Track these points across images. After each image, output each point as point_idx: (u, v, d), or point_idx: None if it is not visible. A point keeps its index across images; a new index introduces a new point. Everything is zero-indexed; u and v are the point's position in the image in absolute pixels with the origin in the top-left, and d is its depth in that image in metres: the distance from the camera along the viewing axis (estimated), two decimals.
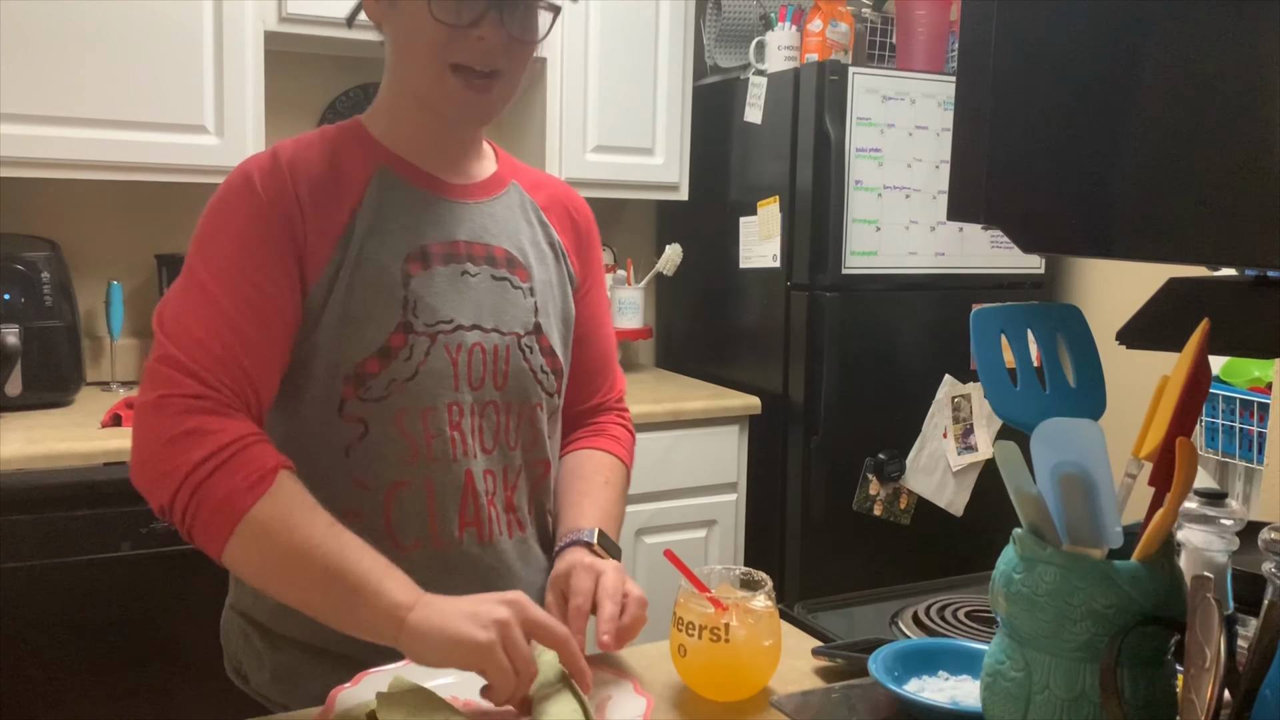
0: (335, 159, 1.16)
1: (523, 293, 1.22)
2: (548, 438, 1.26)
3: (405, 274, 1.14)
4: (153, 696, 2.04)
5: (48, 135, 2.18)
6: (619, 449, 1.35)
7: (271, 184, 1.10)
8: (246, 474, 1.00)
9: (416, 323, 1.13)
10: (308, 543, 0.99)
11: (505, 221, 1.24)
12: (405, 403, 1.12)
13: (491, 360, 1.18)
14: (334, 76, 2.82)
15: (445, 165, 1.22)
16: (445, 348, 1.14)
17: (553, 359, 1.24)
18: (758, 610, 1.07)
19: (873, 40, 2.87)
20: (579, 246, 1.33)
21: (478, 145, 1.26)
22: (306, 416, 1.13)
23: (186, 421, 1.01)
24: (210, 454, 1.00)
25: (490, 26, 1.10)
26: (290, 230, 1.09)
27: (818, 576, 2.64)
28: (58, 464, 1.97)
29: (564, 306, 1.28)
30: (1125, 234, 0.80)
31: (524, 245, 1.24)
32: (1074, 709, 0.82)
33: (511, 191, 1.27)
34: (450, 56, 1.11)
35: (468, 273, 1.18)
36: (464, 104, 1.13)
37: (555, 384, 1.25)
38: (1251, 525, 0.99)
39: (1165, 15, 0.76)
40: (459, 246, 1.18)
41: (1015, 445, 0.82)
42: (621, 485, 1.33)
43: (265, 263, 1.08)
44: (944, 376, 2.73)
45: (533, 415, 1.23)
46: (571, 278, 1.30)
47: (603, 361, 1.38)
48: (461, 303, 1.17)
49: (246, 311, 1.06)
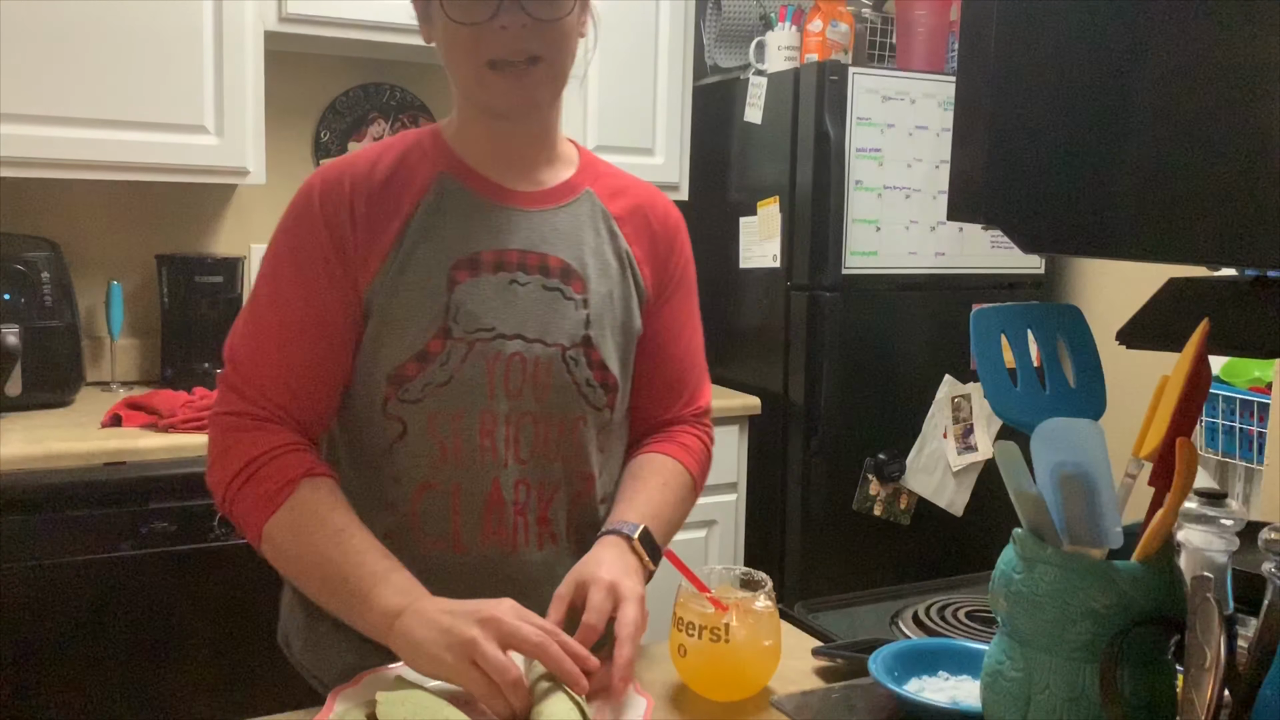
0: (402, 166, 1.18)
1: (575, 304, 1.19)
2: (596, 451, 1.23)
3: (451, 280, 1.15)
4: (153, 696, 2.04)
5: (48, 135, 2.18)
6: (686, 457, 1.30)
7: (329, 200, 1.15)
8: (268, 487, 1.09)
9: (456, 329, 1.14)
10: (313, 552, 1.07)
11: (567, 231, 1.22)
12: (438, 407, 1.14)
13: (532, 371, 1.17)
14: (334, 76, 2.82)
15: (510, 172, 1.21)
16: (483, 356, 1.15)
17: (603, 372, 1.21)
18: (758, 610, 1.07)
19: (873, 40, 2.87)
20: (654, 257, 1.28)
21: (549, 151, 1.24)
22: (357, 410, 1.18)
23: (227, 438, 1.12)
24: (240, 469, 1.10)
25: (510, 14, 1.09)
26: (343, 245, 1.14)
27: (818, 576, 2.64)
28: (58, 464, 1.97)
29: (625, 319, 1.24)
30: (1125, 234, 0.80)
31: (584, 256, 1.21)
32: (1074, 709, 0.82)
33: (583, 199, 1.24)
34: (483, 54, 1.11)
35: (517, 282, 1.17)
36: (506, 95, 1.13)
37: (605, 398, 1.21)
38: (1251, 525, 0.99)
39: (1165, 15, 0.76)
40: (511, 255, 1.18)
41: (1015, 445, 0.82)
42: (680, 491, 1.27)
43: (318, 281, 1.14)
44: (944, 376, 2.73)
45: (575, 428, 1.20)
46: (640, 290, 1.26)
47: (680, 375, 1.32)
48: (506, 311, 1.16)
49: (295, 331, 1.14)
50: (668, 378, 1.31)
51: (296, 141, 2.81)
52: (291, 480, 1.08)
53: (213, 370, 2.51)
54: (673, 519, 1.25)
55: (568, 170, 1.26)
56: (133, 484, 2.01)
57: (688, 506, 1.29)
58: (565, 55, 1.15)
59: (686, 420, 1.34)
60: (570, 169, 1.26)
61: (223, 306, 2.54)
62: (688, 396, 1.34)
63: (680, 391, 1.33)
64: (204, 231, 2.72)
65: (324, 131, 2.83)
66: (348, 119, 2.86)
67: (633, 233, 1.26)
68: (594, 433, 1.22)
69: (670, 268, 1.30)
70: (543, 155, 1.23)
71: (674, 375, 1.32)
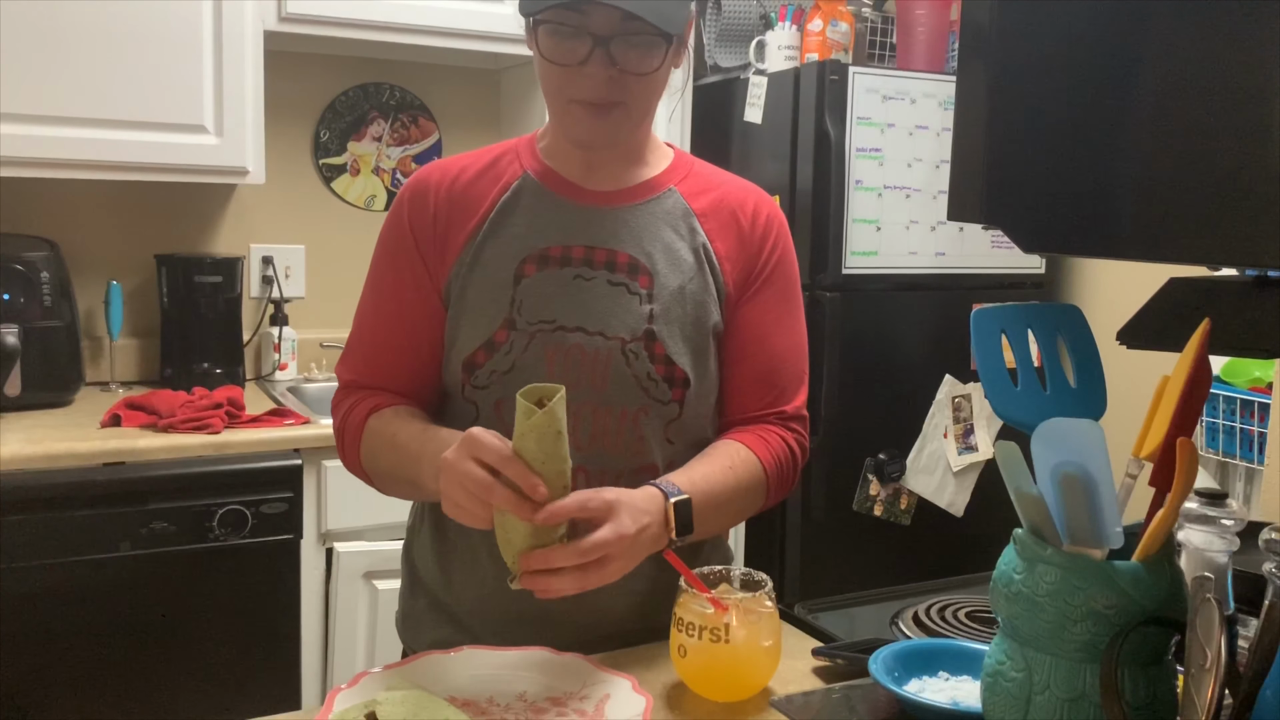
0: (491, 168, 1.27)
1: (639, 299, 1.21)
2: (663, 443, 1.23)
3: (519, 274, 1.22)
4: (153, 696, 2.04)
5: (48, 135, 2.18)
6: (761, 449, 1.26)
7: (415, 202, 1.26)
8: (351, 434, 1.27)
9: (520, 320, 1.21)
10: (386, 466, 1.24)
11: (640, 228, 1.24)
12: (503, 394, 1.19)
13: (590, 362, 1.20)
14: (334, 76, 2.82)
15: (592, 173, 1.26)
16: (543, 346, 1.20)
17: (669, 366, 1.21)
18: (758, 610, 1.07)
19: (873, 40, 2.87)
20: (740, 254, 1.28)
21: (635, 154, 1.28)
22: (448, 392, 1.28)
23: (335, 407, 1.31)
24: (337, 426, 1.29)
25: (598, 64, 1.14)
26: (422, 244, 1.25)
27: (818, 576, 2.64)
28: (57, 464, 1.97)
29: (699, 314, 1.24)
30: (1125, 234, 0.80)
31: (654, 252, 1.23)
32: (1074, 709, 0.82)
33: (665, 197, 1.27)
34: (568, 94, 1.17)
35: (582, 277, 1.22)
36: (587, 130, 1.19)
37: (670, 392, 1.22)
38: (1252, 525, 0.99)
39: (1165, 15, 0.76)
40: (577, 251, 1.23)
41: (1015, 445, 0.82)
42: (747, 480, 1.23)
43: (401, 275, 1.26)
44: (944, 376, 2.72)
45: (635, 420, 1.21)
46: (720, 285, 1.26)
47: (768, 373, 1.30)
48: (569, 305, 1.21)
49: (383, 318, 1.28)
50: (755, 375, 1.29)
51: (296, 141, 2.81)
52: (359, 422, 1.25)
53: (212, 370, 2.52)
54: (726, 506, 1.21)
55: (655, 169, 1.29)
56: (132, 484, 2.01)
57: (751, 499, 1.26)
58: (648, 101, 1.21)
59: (773, 420, 1.30)
60: (658, 167, 1.29)
61: (222, 306, 2.54)
62: (775, 395, 1.30)
63: (768, 390, 1.30)
64: (204, 231, 2.72)
65: (324, 131, 2.83)
66: (348, 119, 2.86)
67: (716, 229, 1.27)
68: (659, 425, 1.22)
69: (761, 266, 1.29)
70: (634, 159, 1.27)
71: (761, 373, 1.30)
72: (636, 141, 1.27)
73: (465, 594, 1.26)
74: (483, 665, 1.09)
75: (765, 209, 1.31)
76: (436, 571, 1.29)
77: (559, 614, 1.18)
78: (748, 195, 1.31)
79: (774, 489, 1.28)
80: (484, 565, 1.23)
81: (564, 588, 1.04)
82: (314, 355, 2.80)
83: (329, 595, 2.26)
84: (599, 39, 1.12)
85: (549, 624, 1.18)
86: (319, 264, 2.83)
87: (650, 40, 1.14)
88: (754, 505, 1.27)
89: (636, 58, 1.15)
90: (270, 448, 2.15)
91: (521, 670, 1.09)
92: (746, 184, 1.33)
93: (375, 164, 2.91)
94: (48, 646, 1.96)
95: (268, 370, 2.72)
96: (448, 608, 1.28)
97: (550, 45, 1.15)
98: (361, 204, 2.90)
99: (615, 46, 1.13)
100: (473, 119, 3.01)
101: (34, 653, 1.95)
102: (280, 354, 2.70)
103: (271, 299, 2.74)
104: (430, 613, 1.30)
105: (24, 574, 1.93)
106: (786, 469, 1.29)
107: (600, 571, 1.05)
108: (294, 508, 2.15)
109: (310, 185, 2.84)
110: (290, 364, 2.72)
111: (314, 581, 2.24)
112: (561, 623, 1.18)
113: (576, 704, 1.03)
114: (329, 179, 2.86)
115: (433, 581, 1.30)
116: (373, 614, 2.28)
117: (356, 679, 1.04)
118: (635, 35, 1.13)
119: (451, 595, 1.27)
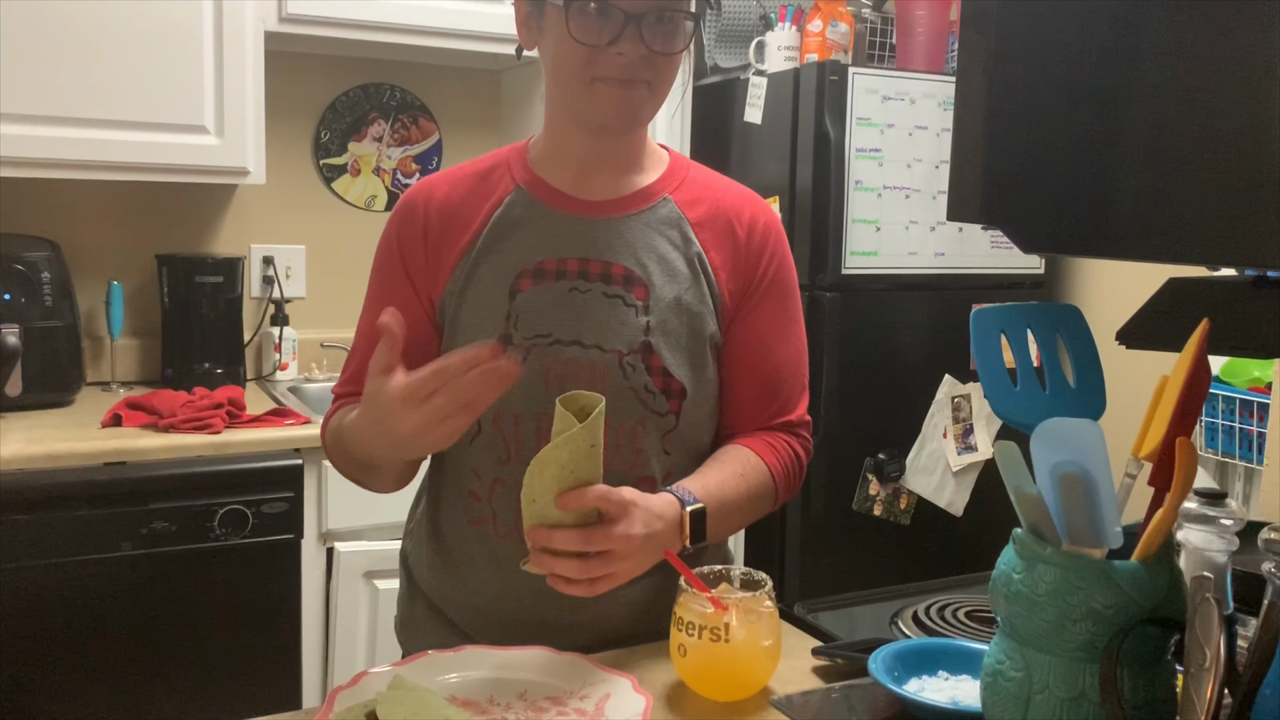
0: (483, 182, 1.27)
1: (635, 311, 1.21)
2: (660, 454, 1.23)
3: (514, 289, 1.21)
4: (153, 696, 2.04)
5: (48, 135, 2.18)
6: (770, 456, 1.26)
7: (407, 220, 1.26)
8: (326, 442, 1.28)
9: (516, 335, 1.20)
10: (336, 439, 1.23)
11: (634, 238, 1.23)
12: (502, 408, 1.18)
13: (588, 376, 1.19)
14: (334, 76, 2.82)
15: (587, 182, 1.25)
16: (540, 360, 1.20)
17: (665, 378, 1.21)
18: (758, 610, 1.07)
19: (873, 40, 2.87)
20: (736, 266, 1.26)
21: (632, 159, 1.27)
22: None
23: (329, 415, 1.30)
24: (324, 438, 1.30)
25: (629, 43, 1.14)
26: (410, 267, 1.25)
27: (818, 576, 2.64)
28: (58, 464, 1.97)
29: (695, 325, 1.23)
30: (1125, 234, 0.80)
31: (649, 263, 1.23)
32: (1074, 709, 0.82)
33: (659, 206, 1.26)
34: (593, 73, 1.16)
35: (577, 290, 1.21)
36: (609, 110, 1.18)
37: (667, 404, 1.22)
38: (1251, 525, 0.99)
39: (1165, 15, 0.76)
40: (571, 264, 1.22)
41: (1015, 445, 0.82)
42: (758, 487, 1.24)
43: (394, 291, 1.25)
44: (944, 376, 2.73)
45: (633, 433, 1.21)
46: (715, 295, 1.25)
47: (770, 385, 1.29)
48: (565, 318, 1.20)
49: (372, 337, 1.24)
50: (758, 388, 1.29)
51: (296, 141, 2.81)
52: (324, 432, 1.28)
53: (213, 370, 2.52)
54: (736, 511, 1.22)
55: (651, 176, 1.28)
56: (133, 484, 2.01)
57: (760, 506, 1.26)
58: (669, 81, 1.21)
59: (778, 430, 1.30)
60: (654, 175, 1.28)
61: (223, 306, 2.54)
62: (778, 407, 1.30)
63: (771, 401, 1.29)
64: (204, 231, 2.72)
65: (324, 131, 2.84)
66: (348, 119, 2.86)
67: (711, 239, 1.26)
68: (656, 436, 1.22)
69: (758, 276, 1.27)
70: (623, 163, 1.27)
71: (765, 385, 1.29)
72: (633, 145, 1.26)
73: (463, 600, 1.26)
74: (483, 665, 1.09)
75: (762, 217, 1.29)
76: (433, 578, 1.29)
77: (558, 621, 1.18)
78: (744, 203, 1.30)
79: (781, 495, 1.29)
80: (482, 571, 1.23)
81: (566, 572, 1.05)
82: (314, 355, 2.80)
83: (329, 595, 2.26)
84: (630, 16, 1.13)
85: (547, 631, 1.17)
86: (319, 264, 2.84)
87: (677, 20, 1.16)
88: (762, 511, 1.28)
89: (664, 36, 1.16)
90: (271, 448, 2.15)
91: (521, 670, 1.09)
92: (742, 190, 1.32)
93: (376, 164, 2.91)
94: (48, 646, 1.96)
95: (268, 370, 2.72)
96: (446, 613, 1.28)
97: (580, 25, 1.13)
98: (362, 204, 2.90)
99: (646, 26, 1.14)
100: (473, 119, 3.01)
101: (34, 652, 1.95)
102: (281, 354, 2.70)
103: (272, 299, 2.74)
104: (429, 618, 1.30)
105: (24, 574, 1.93)
106: (793, 475, 1.30)
107: (605, 569, 1.06)
108: (294, 507, 2.15)
109: (311, 185, 2.84)
110: (291, 364, 2.72)
111: (314, 581, 2.24)
112: (560, 631, 1.17)
113: (576, 703, 1.03)
114: (329, 179, 2.86)
115: (430, 587, 1.30)
116: (373, 614, 2.28)
117: (357, 679, 1.04)
118: (665, 14, 1.15)
119: (449, 601, 1.28)
